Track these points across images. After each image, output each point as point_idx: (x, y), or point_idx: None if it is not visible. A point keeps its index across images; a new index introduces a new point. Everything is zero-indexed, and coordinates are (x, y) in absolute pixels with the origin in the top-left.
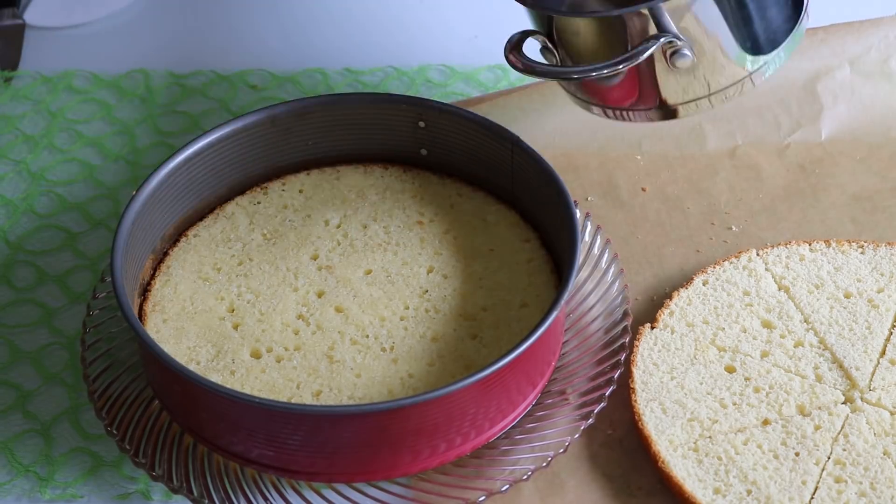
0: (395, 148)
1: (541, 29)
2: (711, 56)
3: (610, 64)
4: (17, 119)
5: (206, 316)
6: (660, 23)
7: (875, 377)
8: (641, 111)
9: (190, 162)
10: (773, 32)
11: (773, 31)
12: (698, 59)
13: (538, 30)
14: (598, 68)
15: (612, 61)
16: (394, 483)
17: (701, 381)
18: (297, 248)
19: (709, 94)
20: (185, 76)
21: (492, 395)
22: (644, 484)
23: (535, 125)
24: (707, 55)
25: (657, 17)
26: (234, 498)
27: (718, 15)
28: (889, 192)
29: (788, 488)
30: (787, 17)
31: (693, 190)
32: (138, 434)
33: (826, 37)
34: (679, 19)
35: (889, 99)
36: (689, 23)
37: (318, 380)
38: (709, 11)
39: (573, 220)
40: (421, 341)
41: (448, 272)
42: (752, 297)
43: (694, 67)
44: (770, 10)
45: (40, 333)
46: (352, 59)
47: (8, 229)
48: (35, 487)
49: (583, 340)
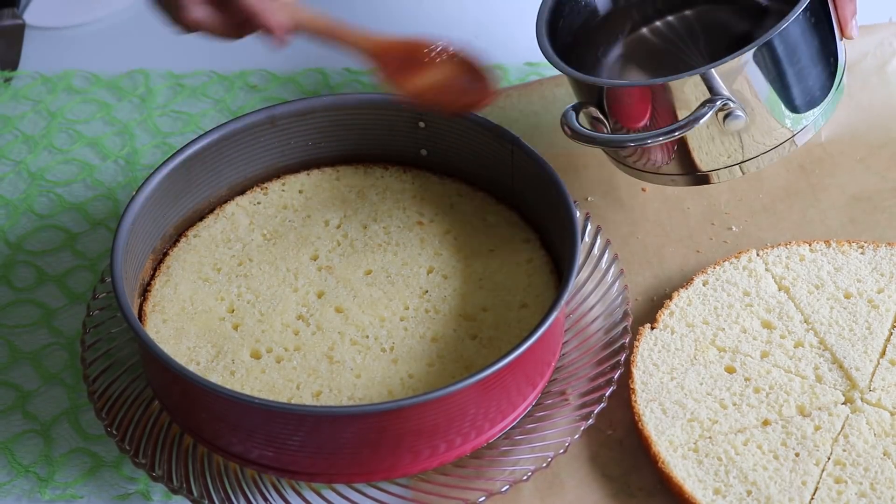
0: (395, 148)
1: (590, 99)
2: (761, 117)
3: (668, 131)
4: (16, 119)
5: (206, 316)
6: (712, 87)
7: (875, 378)
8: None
9: (190, 162)
10: (812, 95)
11: (812, 93)
12: (750, 120)
13: (587, 101)
14: (655, 135)
15: (670, 128)
16: (394, 483)
17: (701, 381)
18: (297, 249)
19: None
20: (184, 76)
21: (492, 396)
22: (644, 484)
23: (535, 125)
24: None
25: (709, 82)
26: (234, 498)
27: (764, 78)
28: (889, 192)
29: (788, 489)
30: (826, 79)
31: (693, 190)
32: (138, 434)
33: None
34: (731, 82)
35: (888, 101)
36: (741, 85)
37: (318, 380)
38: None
39: (573, 220)
40: (421, 342)
41: (448, 272)
42: (752, 297)
43: (745, 128)
44: (810, 75)
45: (40, 334)
46: (352, 60)
47: (8, 229)
48: (35, 488)
49: (583, 341)
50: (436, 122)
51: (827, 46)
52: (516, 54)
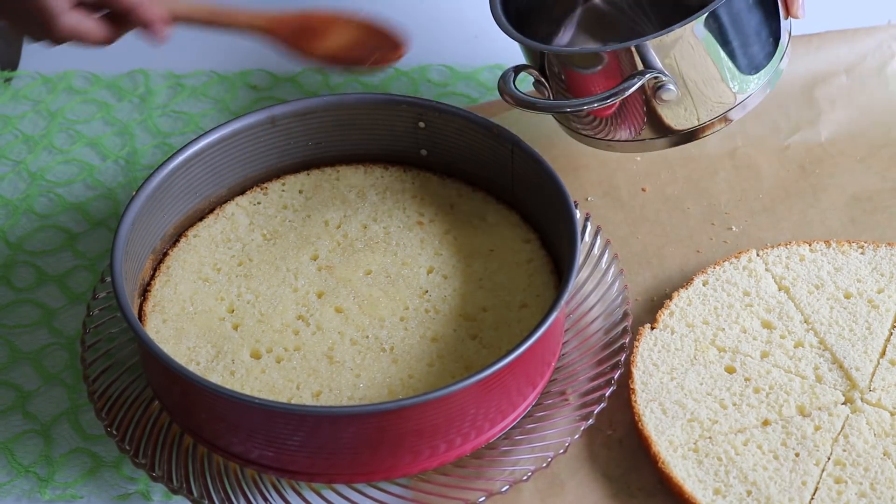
0: (395, 148)
1: (533, 63)
2: (695, 90)
3: (598, 98)
4: (16, 119)
5: (205, 316)
6: (645, 59)
7: (875, 378)
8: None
9: (190, 162)
10: (754, 68)
11: (754, 67)
12: (682, 93)
13: (530, 64)
14: (589, 102)
15: (601, 95)
16: (394, 483)
17: (701, 381)
18: (297, 249)
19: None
20: (184, 76)
21: (492, 396)
22: (644, 484)
23: (535, 125)
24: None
25: (643, 54)
26: (234, 498)
27: (703, 51)
28: (889, 192)
29: (788, 489)
30: (767, 53)
31: (693, 190)
32: (138, 435)
33: (821, 44)
34: (664, 56)
35: (887, 102)
36: (674, 59)
37: (318, 380)
38: (693, 48)
39: (573, 220)
40: (421, 342)
41: (448, 272)
42: (752, 297)
43: (679, 101)
44: (751, 47)
45: (40, 334)
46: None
47: (8, 229)
48: (35, 488)
49: (583, 341)
50: (436, 123)
51: (768, 25)
52: (516, 54)
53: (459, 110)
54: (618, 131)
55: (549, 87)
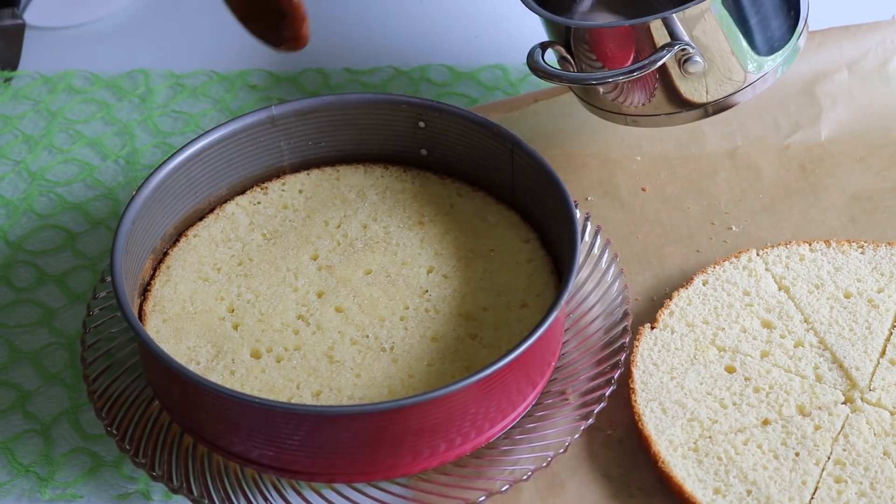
0: (395, 148)
1: (558, 39)
2: (720, 62)
3: (627, 70)
4: (16, 119)
5: (206, 316)
6: (673, 32)
7: (875, 377)
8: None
9: (190, 162)
10: (775, 42)
11: (775, 41)
12: (708, 66)
13: (556, 40)
14: (616, 74)
15: (630, 67)
16: (394, 483)
17: (701, 381)
18: (297, 248)
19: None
20: (184, 76)
21: (492, 396)
22: (644, 484)
23: (536, 125)
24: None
25: (671, 27)
26: (234, 498)
27: (730, 22)
28: (889, 192)
29: (788, 488)
30: (788, 27)
31: (693, 190)
32: (138, 434)
33: (823, 40)
34: (691, 28)
35: (888, 100)
36: (700, 31)
37: (318, 380)
38: (718, 20)
39: (573, 220)
40: (421, 341)
41: (448, 272)
42: (752, 297)
43: (704, 74)
44: (772, 21)
45: (40, 333)
46: (352, 59)
47: (8, 229)
48: (35, 487)
49: (583, 340)
50: (436, 122)
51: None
52: (516, 54)
53: (459, 110)
54: (641, 105)
55: (574, 62)
